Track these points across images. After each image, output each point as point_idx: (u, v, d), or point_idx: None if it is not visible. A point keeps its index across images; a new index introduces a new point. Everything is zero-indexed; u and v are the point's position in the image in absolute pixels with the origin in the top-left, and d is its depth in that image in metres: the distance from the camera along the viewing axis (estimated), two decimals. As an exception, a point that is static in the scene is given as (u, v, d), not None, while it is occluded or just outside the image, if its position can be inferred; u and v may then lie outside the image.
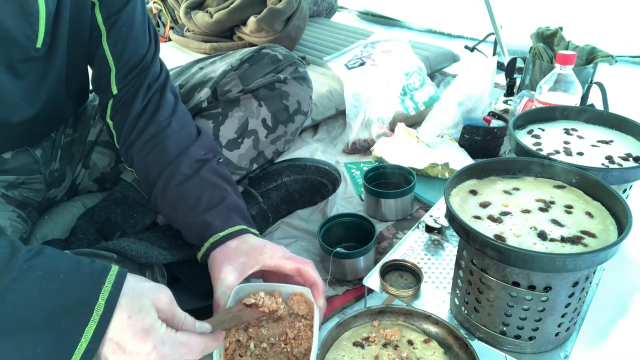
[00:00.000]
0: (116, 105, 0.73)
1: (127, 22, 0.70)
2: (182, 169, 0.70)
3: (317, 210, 1.01)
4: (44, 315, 0.43)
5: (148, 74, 0.73)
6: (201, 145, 0.73)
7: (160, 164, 0.71)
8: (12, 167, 0.74)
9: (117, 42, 0.70)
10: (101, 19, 0.69)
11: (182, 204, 0.69)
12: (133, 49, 0.71)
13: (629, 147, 0.78)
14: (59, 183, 0.83)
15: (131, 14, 0.70)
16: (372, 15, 2.65)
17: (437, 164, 1.07)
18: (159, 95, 0.74)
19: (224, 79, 0.88)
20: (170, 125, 0.72)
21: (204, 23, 1.68)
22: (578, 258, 0.49)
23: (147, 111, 0.72)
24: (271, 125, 0.88)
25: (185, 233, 0.70)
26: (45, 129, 0.78)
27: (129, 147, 0.73)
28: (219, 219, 0.67)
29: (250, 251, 0.64)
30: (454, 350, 0.59)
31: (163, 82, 0.75)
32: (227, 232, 0.66)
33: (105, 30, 0.69)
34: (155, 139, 0.71)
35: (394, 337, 0.59)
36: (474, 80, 1.23)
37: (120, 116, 0.73)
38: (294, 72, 0.91)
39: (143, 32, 0.73)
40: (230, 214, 0.68)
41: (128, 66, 0.71)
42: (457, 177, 0.64)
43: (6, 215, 0.72)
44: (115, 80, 0.72)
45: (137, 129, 0.72)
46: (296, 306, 0.62)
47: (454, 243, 0.79)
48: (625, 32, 1.88)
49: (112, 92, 0.72)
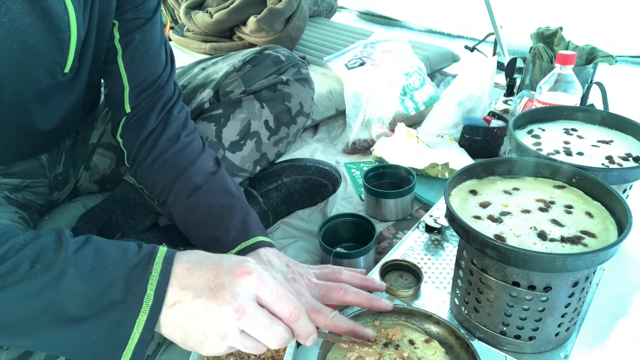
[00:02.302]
0: (128, 124, 0.72)
1: (144, 41, 0.70)
2: (192, 181, 0.69)
3: (317, 210, 1.01)
4: (96, 308, 0.42)
5: (163, 95, 0.73)
6: (207, 157, 0.73)
7: (171, 179, 0.70)
8: (18, 170, 0.74)
9: (133, 60, 0.70)
10: (118, 37, 0.69)
11: (192, 217, 0.68)
12: (148, 68, 0.71)
13: (629, 147, 0.78)
14: (62, 186, 0.83)
15: (148, 33, 0.70)
16: (372, 15, 2.65)
17: (437, 164, 1.07)
18: (169, 113, 0.73)
19: (226, 80, 0.88)
20: (179, 141, 0.72)
21: (204, 23, 1.68)
22: (578, 258, 0.49)
23: (158, 130, 0.72)
24: (273, 127, 0.88)
25: (198, 246, 0.69)
26: (55, 140, 0.78)
27: (138, 165, 0.73)
28: (231, 234, 0.65)
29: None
30: (455, 350, 0.60)
31: (175, 101, 0.75)
32: (240, 247, 0.64)
33: (121, 48, 0.69)
34: (165, 155, 0.71)
35: (395, 336, 0.59)
36: (474, 80, 1.23)
37: (131, 135, 0.73)
38: (296, 74, 0.91)
39: (159, 52, 0.72)
40: (244, 223, 0.66)
41: (142, 85, 0.71)
42: (457, 177, 0.64)
43: (8, 217, 0.72)
44: (129, 99, 0.71)
45: (147, 147, 0.72)
46: None
47: (454, 243, 0.79)
48: (625, 32, 1.88)
49: (126, 110, 0.72)
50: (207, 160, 0.72)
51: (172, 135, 0.72)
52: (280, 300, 0.46)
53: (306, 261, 0.88)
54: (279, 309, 0.46)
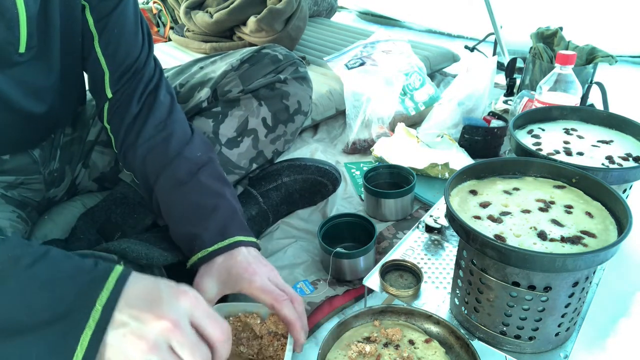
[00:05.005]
0: (112, 109, 0.72)
1: (119, 23, 0.69)
2: (177, 174, 0.69)
3: (317, 210, 1.01)
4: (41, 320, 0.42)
5: (143, 76, 0.73)
6: (196, 146, 0.72)
7: (157, 168, 0.70)
8: (11, 167, 0.74)
9: (109, 45, 0.69)
10: (92, 22, 0.68)
11: (175, 211, 0.68)
12: (126, 51, 0.71)
13: (629, 147, 0.78)
14: (59, 183, 0.83)
15: (122, 15, 0.69)
16: (372, 15, 2.65)
17: (437, 164, 1.07)
18: (154, 97, 0.73)
19: (224, 79, 0.88)
20: (166, 128, 0.71)
21: (204, 23, 1.68)
22: (578, 258, 0.49)
23: (143, 114, 0.72)
24: (271, 125, 0.88)
25: (176, 240, 0.69)
26: (44, 132, 0.77)
27: (126, 151, 0.72)
28: (210, 232, 0.65)
29: (233, 271, 0.63)
30: (455, 350, 0.60)
31: (157, 82, 0.74)
32: (216, 247, 0.64)
33: (97, 33, 0.69)
34: (151, 142, 0.71)
35: (395, 336, 0.59)
36: (474, 80, 1.23)
37: (116, 120, 0.72)
38: (294, 72, 0.91)
39: (135, 33, 0.72)
40: (224, 223, 0.66)
41: (122, 69, 0.71)
42: (457, 177, 0.64)
43: (6, 216, 0.72)
44: (110, 84, 0.71)
45: (134, 132, 0.71)
46: (274, 325, 0.62)
47: (454, 243, 0.79)
48: (625, 32, 1.88)
49: (107, 95, 0.72)
50: (194, 150, 0.71)
51: (159, 122, 0.71)
52: (211, 319, 0.47)
53: (306, 261, 0.88)
54: (211, 328, 0.47)
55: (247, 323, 0.63)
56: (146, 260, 0.65)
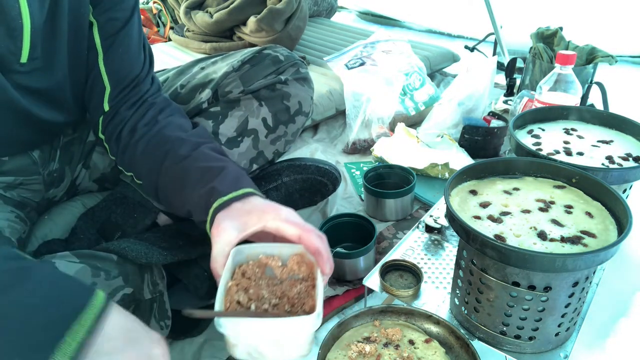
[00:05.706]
0: (106, 120, 0.73)
1: (124, 43, 0.70)
2: (181, 151, 0.68)
3: (317, 210, 1.01)
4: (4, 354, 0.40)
5: (139, 91, 0.74)
6: (196, 132, 0.73)
7: (159, 155, 0.69)
8: (10, 168, 0.74)
9: (113, 63, 0.70)
10: (99, 40, 0.69)
11: (185, 180, 0.67)
12: (128, 69, 0.72)
13: (629, 147, 0.78)
14: (58, 183, 0.83)
15: (128, 36, 0.70)
16: (372, 15, 2.65)
17: (437, 164, 1.07)
18: (145, 102, 0.74)
19: (225, 80, 0.88)
20: (162, 121, 0.72)
21: (204, 23, 1.68)
22: (578, 258, 0.49)
23: (136, 116, 0.73)
24: (271, 125, 0.88)
25: (194, 209, 0.67)
26: (48, 136, 0.78)
27: (122, 153, 0.73)
28: (224, 185, 0.63)
29: (254, 210, 0.61)
30: (455, 350, 0.60)
31: (153, 93, 0.76)
32: (232, 195, 0.62)
33: (102, 51, 0.70)
34: (148, 136, 0.71)
35: (395, 336, 0.59)
36: (474, 80, 1.23)
37: (110, 129, 0.73)
38: (295, 73, 0.91)
39: (138, 52, 0.73)
40: (236, 178, 0.65)
41: (122, 85, 0.72)
42: (457, 177, 0.64)
43: (4, 216, 0.72)
44: (108, 99, 0.72)
45: (126, 134, 0.72)
46: (296, 267, 0.59)
47: (454, 243, 0.79)
48: (625, 32, 1.88)
49: (104, 109, 0.73)
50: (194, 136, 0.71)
51: (149, 120, 0.72)
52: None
53: (306, 261, 0.88)
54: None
55: (268, 266, 0.61)
56: (146, 259, 0.65)
